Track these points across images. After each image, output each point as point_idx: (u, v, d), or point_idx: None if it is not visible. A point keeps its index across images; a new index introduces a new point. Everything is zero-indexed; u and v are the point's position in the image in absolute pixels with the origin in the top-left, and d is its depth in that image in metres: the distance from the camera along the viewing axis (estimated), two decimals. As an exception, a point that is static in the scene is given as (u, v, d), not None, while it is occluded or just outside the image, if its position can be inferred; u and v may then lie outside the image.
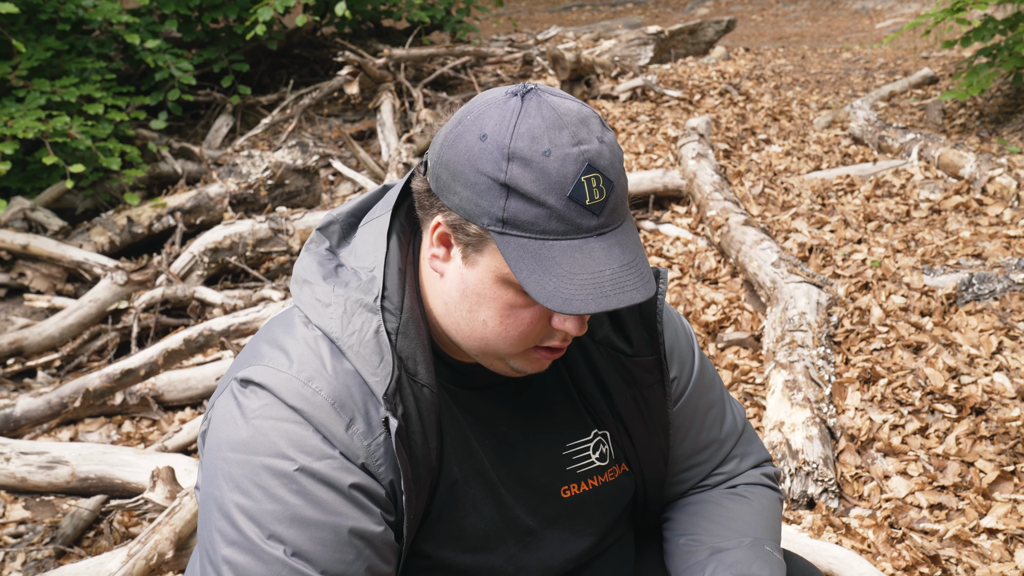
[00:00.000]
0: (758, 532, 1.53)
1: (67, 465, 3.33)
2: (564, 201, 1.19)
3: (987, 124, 6.67)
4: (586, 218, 1.20)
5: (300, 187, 5.95)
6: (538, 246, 1.20)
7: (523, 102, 1.23)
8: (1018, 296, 3.86)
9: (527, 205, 1.19)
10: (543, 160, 1.19)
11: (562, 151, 1.19)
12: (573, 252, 1.20)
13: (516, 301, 1.26)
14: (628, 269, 1.22)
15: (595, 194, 1.20)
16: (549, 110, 1.22)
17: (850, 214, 5.08)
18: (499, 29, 12.22)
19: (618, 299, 1.20)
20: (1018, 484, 2.87)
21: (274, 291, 4.79)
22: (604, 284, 1.20)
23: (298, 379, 1.28)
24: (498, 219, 1.21)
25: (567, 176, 1.19)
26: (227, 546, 1.25)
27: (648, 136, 6.74)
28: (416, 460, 1.31)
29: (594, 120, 1.25)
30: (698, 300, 4.37)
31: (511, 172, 1.19)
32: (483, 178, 1.21)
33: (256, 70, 8.28)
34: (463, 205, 1.23)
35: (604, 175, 1.21)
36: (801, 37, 12.97)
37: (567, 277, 1.19)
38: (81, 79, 6.06)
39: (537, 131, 1.20)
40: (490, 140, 1.21)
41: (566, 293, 1.19)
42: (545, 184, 1.19)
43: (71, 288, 5.20)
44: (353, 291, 1.32)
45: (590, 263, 1.20)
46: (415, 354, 1.32)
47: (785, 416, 3.16)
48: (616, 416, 1.49)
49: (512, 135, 1.20)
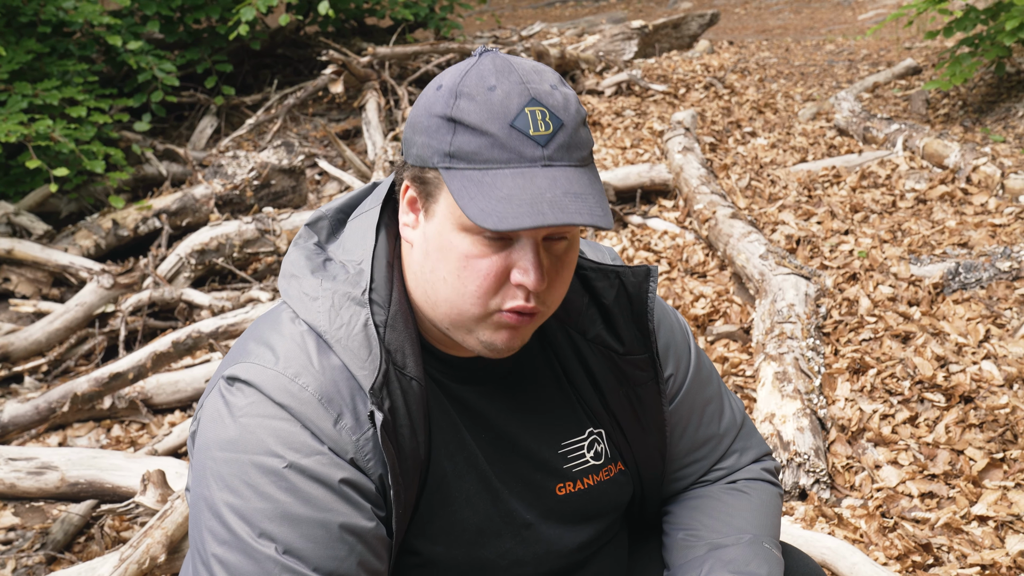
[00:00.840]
0: (757, 528, 1.52)
1: (57, 470, 3.31)
2: (506, 129, 1.20)
3: (970, 113, 6.69)
4: (529, 147, 1.21)
5: (286, 187, 5.93)
6: (481, 175, 1.21)
7: (479, 57, 1.27)
8: (1004, 284, 3.87)
9: (471, 136, 1.21)
10: (488, 94, 1.22)
11: (508, 86, 1.22)
12: (516, 178, 1.20)
13: (472, 250, 1.24)
14: (574, 197, 1.20)
15: (540, 126, 1.21)
16: (503, 60, 1.26)
17: (836, 205, 5.10)
18: (483, 26, 12.19)
19: (555, 216, 1.17)
20: (1007, 471, 2.89)
21: (262, 292, 4.78)
22: (543, 204, 1.18)
23: (285, 375, 1.27)
24: (446, 154, 1.22)
25: (510, 107, 1.21)
26: (218, 545, 1.24)
27: (634, 131, 6.74)
28: (404, 454, 1.31)
29: (550, 73, 1.27)
30: (687, 294, 4.38)
31: (457, 106, 1.22)
32: (435, 119, 1.24)
33: (240, 70, 8.24)
34: (420, 153, 1.26)
35: (551, 111, 1.22)
36: (784, 30, 13.00)
37: (505, 200, 1.18)
38: (63, 82, 6.02)
39: (486, 72, 1.24)
40: (444, 87, 1.25)
41: (501, 211, 1.18)
42: (488, 113, 1.21)
43: (57, 292, 5.17)
44: (341, 284, 1.32)
45: (531, 187, 1.19)
46: (403, 347, 1.32)
47: (776, 408, 3.17)
48: (610, 414, 1.48)
49: (463, 78, 1.25)
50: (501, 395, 1.42)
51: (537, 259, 1.24)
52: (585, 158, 1.26)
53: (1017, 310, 3.69)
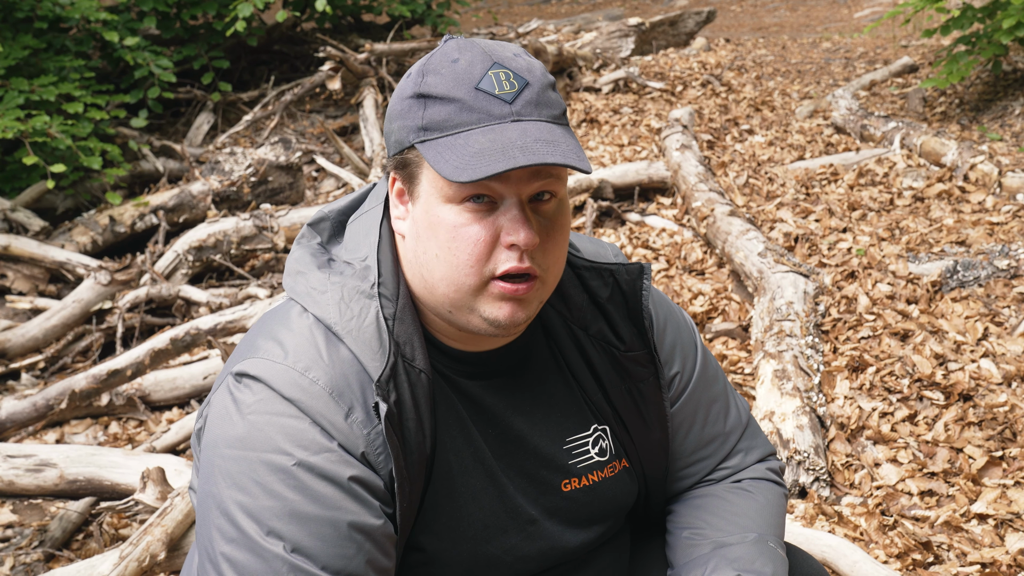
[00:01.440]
0: (762, 528, 1.52)
1: (55, 467, 3.30)
2: (472, 92, 1.24)
3: (967, 111, 6.70)
4: (496, 105, 1.24)
5: (284, 184, 5.92)
6: (453, 139, 1.24)
7: (445, 42, 1.32)
8: (1002, 282, 3.88)
9: (440, 105, 1.25)
10: (452, 66, 1.27)
11: (470, 57, 1.27)
12: (487, 134, 1.23)
13: (458, 220, 1.25)
14: (545, 143, 1.23)
15: (504, 85, 1.25)
16: (466, 40, 1.31)
17: (834, 203, 5.10)
18: (479, 23, 12.18)
19: (526, 158, 1.20)
20: (1007, 469, 2.89)
21: (260, 289, 4.77)
22: (514, 151, 1.21)
23: (295, 369, 1.27)
24: (420, 128, 1.26)
25: (474, 72, 1.25)
26: (226, 543, 1.24)
27: (632, 128, 6.74)
28: (409, 448, 1.31)
29: (513, 46, 1.31)
30: (685, 291, 4.38)
31: (424, 82, 1.27)
32: (406, 101, 1.29)
33: (236, 67, 8.23)
34: (398, 137, 1.30)
35: (516, 73, 1.26)
36: (781, 27, 13.00)
37: (477, 155, 1.21)
38: (60, 78, 6.01)
39: (450, 50, 1.29)
40: (412, 73, 1.31)
41: (475, 165, 1.20)
42: (453, 81, 1.25)
43: (54, 289, 5.15)
44: (349, 278, 1.33)
45: (501, 139, 1.22)
46: (412, 339, 1.32)
47: (775, 406, 3.17)
48: (614, 410, 1.49)
49: (429, 59, 1.30)
50: (507, 390, 1.42)
51: (524, 216, 1.25)
52: (557, 116, 1.28)
53: (1015, 308, 3.70)
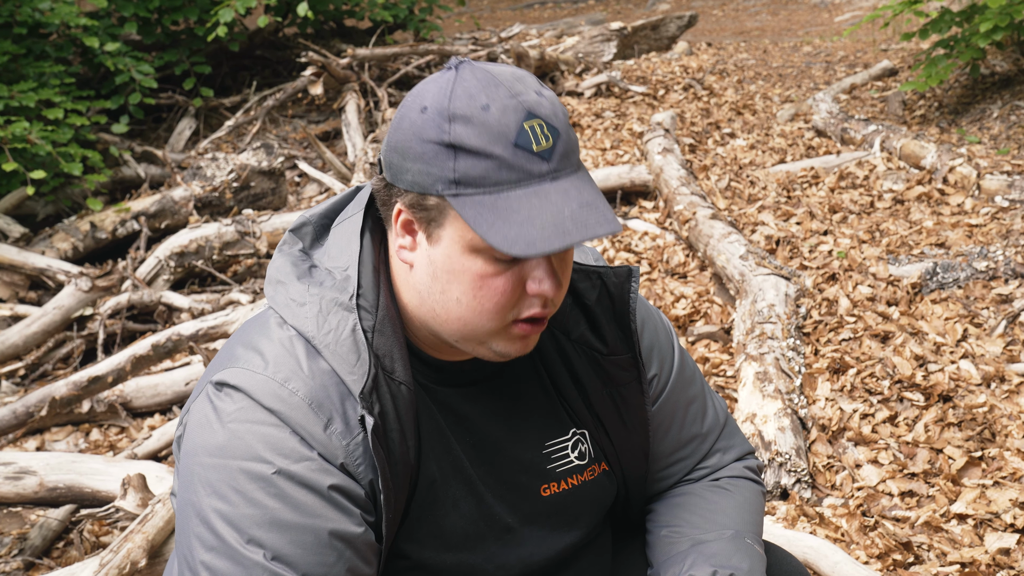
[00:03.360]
0: (739, 525, 1.53)
1: (35, 475, 3.28)
2: (511, 149, 1.20)
3: (946, 115, 6.75)
4: (536, 163, 1.21)
5: (266, 189, 5.91)
6: (494, 199, 1.20)
7: (457, 71, 1.25)
8: (981, 284, 3.91)
9: (476, 160, 1.20)
10: (483, 114, 1.20)
11: (501, 103, 1.21)
12: (529, 198, 1.20)
13: (486, 270, 1.25)
14: (588, 208, 1.22)
15: (541, 140, 1.21)
16: (483, 72, 1.24)
17: (815, 206, 5.13)
18: (462, 28, 12.20)
19: (580, 234, 1.20)
20: (986, 469, 2.91)
21: (242, 294, 4.76)
22: (565, 222, 1.20)
23: (274, 380, 1.27)
24: (451, 181, 1.21)
25: (509, 125, 1.20)
26: (206, 552, 1.24)
27: (614, 132, 6.76)
28: (394, 459, 1.31)
29: (529, 78, 1.27)
30: (667, 294, 4.39)
31: (454, 131, 1.20)
32: (429, 146, 1.22)
33: (218, 72, 8.20)
34: (416, 180, 1.24)
35: (547, 122, 1.22)
36: (762, 31, 13.07)
37: (527, 222, 1.19)
38: (40, 83, 5.98)
39: (473, 90, 1.22)
40: (430, 109, 1.23)
41: (528, 237, 1.18)
42: (489, 135, 1.20)
43: (34, 296, 5.13)
44: (328, 290, 1.31)
45: (548, 206, 1.20)
46: (392, 352, 1.31)
47: (757, 408, 3.18)
48: (594, 414, 1.49)
49: (450, 98, 1.22)
50: (485, 397, 1.42)
51: (551, 267, 1.27)
52: (579, 159, 1.28)
53: (994, 310, 3.73)
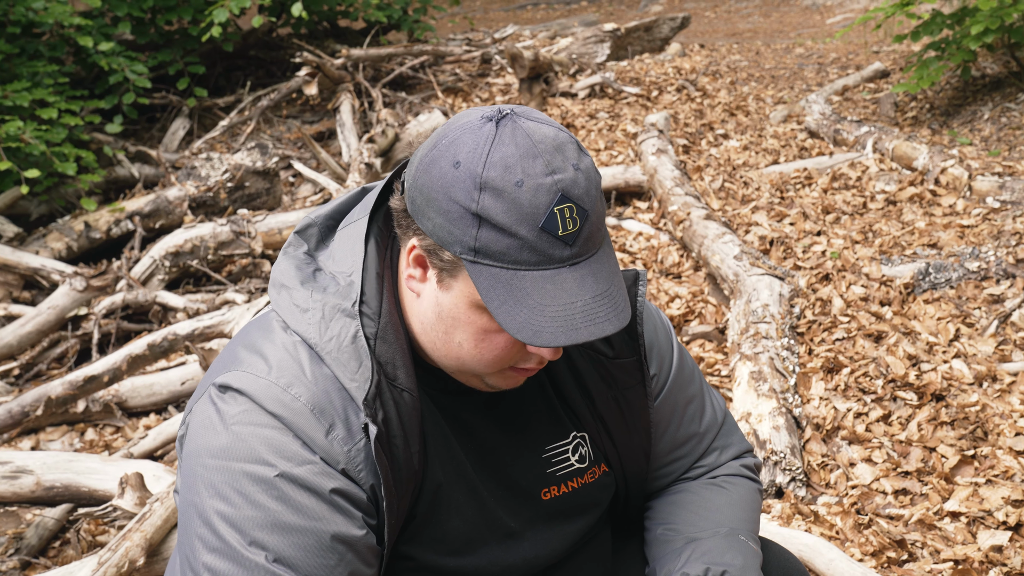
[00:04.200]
0: (734, 522, 1.55)
1: (32, 474, 3.28)
2: (536, 232, 1.18)
3: (938, 116, 6.79)
4: (558, 248, 1.20)
5: (260, 189, 5.91)
6: (510, 276, 1.20)
7: (498, 128, 1.21)
8: (973, 284, 3.94)
9: (499, 235, 1.19)
10: (515, 191, 1.18)
11: (535, 181, 1.18)
12: (544, 283, 1.20)
13: (490, 327, 1.26)
14: (601, 300, 1.22)
15: (568, 224, 1.19)
16: (524, 137, 1.20)
17: (809, 207, 5.16)
18: (456, 28, 12.20)
19: (589, 331, 1.20)
20: (979, 468, 2.94)
21: (237, 294, 4.76)
22: (575, 316, 1.20)
23: (277, 385, 1.28)
24: (470, 248, 1.20)
25: (539, 207, 1.18)
26: (208, 553, 1.24)
27: (608, 133, 6.78)
28: (398, 465, 1.31)
29: (570, 146, 1.23)
30: (662, 295, 4.41)
31: (483, 202, 1.18)
32: (456, 206, 1.20)
33: (212, 72, 8.20)
34: (437, 232, 1.23)
35: (578, 204, 1.20)
36: (754, 33, 13.10)
37: (538, 309, 1.19)
38: (33, 83, 5.96)
39: (510, 160, 1.19)
40: (463, 168, 1.20)
41: (536, 325, 1.19)
42: (517, 215, 1.18)
43: (28, 295, 5.12)
44: (331, 296, 1.32)
45: (561, 294, 1.20)
46: (394, 359, 1.32)
47: (752, 407, 3.20)
48: (597, 418, 1.50)
49: (485, 164, 1.19)
50: (485, 403, 1.43)
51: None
52: (603, 236, 1.26)
53: (986, 309, 3.75)
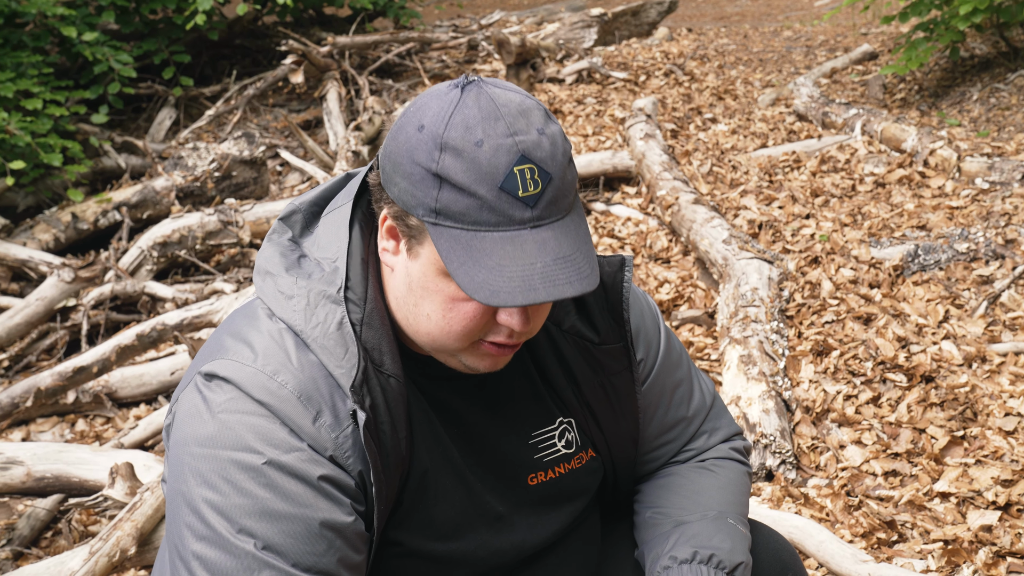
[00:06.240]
0: (723, 505, 1.55)
1: (22, 465, 3.27)
2: (495, 192, 1.18)
3: (926, 98, 6.79)
4: (519, 209, 1.19)
5: (248, 178, 5.89)
6: (469, 237, 1.19)
7: (463, 93, 1.21)
8: (962, 265, 3.95)
9: (458, 196, 1.18)
10: (475, 150, 1.17)
11: (495, 141, 1.18)
12: (504, 244, 1.19)
13: (457, 294, 1.25)
14: (563, 263, 1.20)
15: (529, 186, 1.18)
16: (488, 101, 1.20)
17: (797, 190, 5.16)
18: (442, 15, 12.14)
19: (547, 292, 1.18)
20: (968, 448, 2.95)
21: (226, 284, 4.75)
22: (534, 277, 1.18)
23: (263, 372, 1.27)
24: (432, 210, 1.20)
25: (499, 167, 1.17)
26: (197, 541, 1.24)
27: (595, 118, 6.77)
28: (386, 451, 1.31)
29: (536, 112, 1.22)
30: (651, 279, 4.41)
31: (443, 162, 1.18)
32: (418, 168, 1.20)
33: (198, 61, 8.15)
34: (402, 196, 1.23)
35: (540, 166, 1.19)
36: (742, 16, 13.08)
37: (496, 269, 1.18)
38: (17, 74, 5.93)
39: (471, 121, 1.19)
40: (426, 130, 1.20)
41: (494, 285, 1.18)
42: (476, 174, 1.17)
43: (16, 287, 5.10)
44: (316, 283, 1.31)
45: (521, 256, 1.19)
46: (380, 345, 1.31)
47: (741, 391, 3.21)
48: (584, 404, 1.50)
49: (447, 125, 1.19)
50: (472, 389, 1.43)
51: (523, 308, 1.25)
52: (571, 203, 1.25)
53: (975, 291, 3.76)
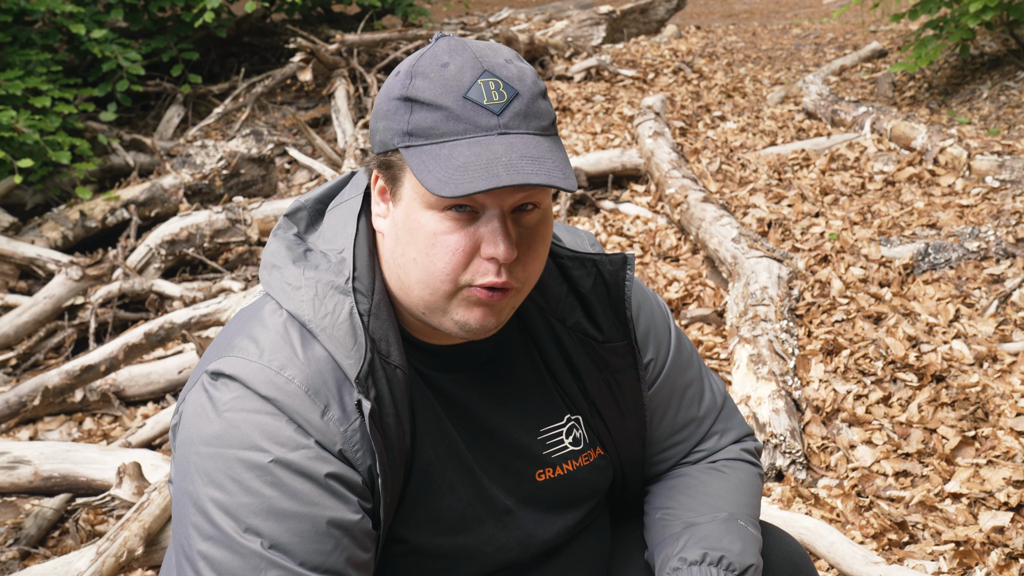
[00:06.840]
0: (733, 507, 1.53)
1: (30, 464, 3.27)
2: (460, 101, 1.21)
3: (936, 95, 6.76)
4: (484, 116, 1.22)
5: (256, 176, 5.88)
6: (438, 148, 1.22)
7: (435, 41, 1.29)
8: (973, 264, 3.92)
9: (427, 112, 1.22)
10: (441, 70, 1.24)
11: (461, 61, 1.24)
12: (472, 147, 1.21)
13: (439, 227, 1.24)
14: (531, 160, 1.20)
15: (494, 96, 1.22)
16: (457, 41, 1.27)
17: (807, 188, 5.13)
18: (450, 12, 12.13)
19: (510, 178, 1.18)
20: (979, 448, 2.93)
21: (234, 282, 4.74)
22: (497, 167, 1.19)
23: (270, 368, 1.26)
24: (405, 133, 1.24)
25: (464, 79, 1.22)
26: (203, 541, 1.23)
27: (604, 116, 6.75)
28: (391, 443, 1.30)
29: (505, 50, 1.28)
30: (660, 278, 4.40)
31: (412, 85, 1.24)
32: (393, 102, 1.26)
33: (206, 59, 8.15)
34: (382, 138, 1.27)
35: (505, 81, 1.23)
36: (751, 14, 13.05)
37: (461, 168, 1.19)
38: (26, 72, 5.93)
39: (440, 52, 1.26)
40: (401, 72, 1.28)
41: (458, 179, 1.18)
42: (442, 88, 1.22)
43: (24, 285, 5.10)
44: (324, 273, 1.31)
45: (486, 153, 1.20)
46: (387, 335, 1.31)
47: (751, 390, 3.19)
48: (589, 401, 1.49)
49: (418, 60, 1.27)
50: (480, 383, 1.42)
51: (504, 229, 1.24)
52: (546, 128, 1.26)
53: (986, 289, 3.74)
